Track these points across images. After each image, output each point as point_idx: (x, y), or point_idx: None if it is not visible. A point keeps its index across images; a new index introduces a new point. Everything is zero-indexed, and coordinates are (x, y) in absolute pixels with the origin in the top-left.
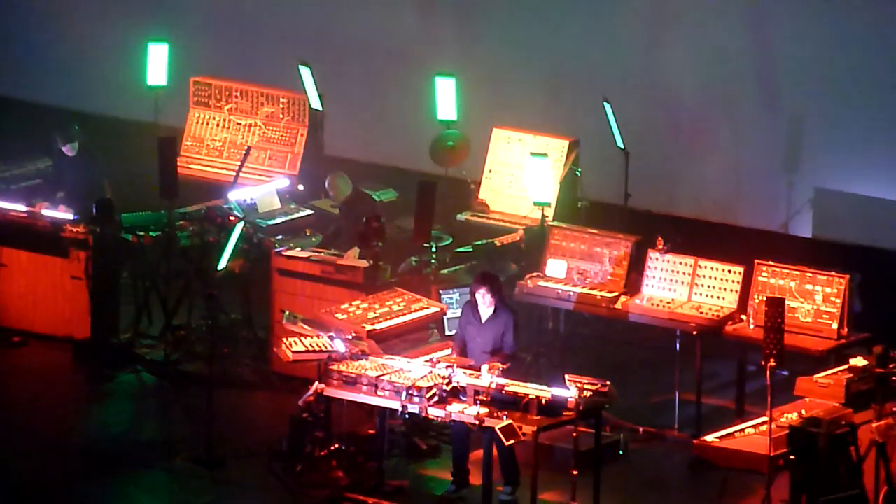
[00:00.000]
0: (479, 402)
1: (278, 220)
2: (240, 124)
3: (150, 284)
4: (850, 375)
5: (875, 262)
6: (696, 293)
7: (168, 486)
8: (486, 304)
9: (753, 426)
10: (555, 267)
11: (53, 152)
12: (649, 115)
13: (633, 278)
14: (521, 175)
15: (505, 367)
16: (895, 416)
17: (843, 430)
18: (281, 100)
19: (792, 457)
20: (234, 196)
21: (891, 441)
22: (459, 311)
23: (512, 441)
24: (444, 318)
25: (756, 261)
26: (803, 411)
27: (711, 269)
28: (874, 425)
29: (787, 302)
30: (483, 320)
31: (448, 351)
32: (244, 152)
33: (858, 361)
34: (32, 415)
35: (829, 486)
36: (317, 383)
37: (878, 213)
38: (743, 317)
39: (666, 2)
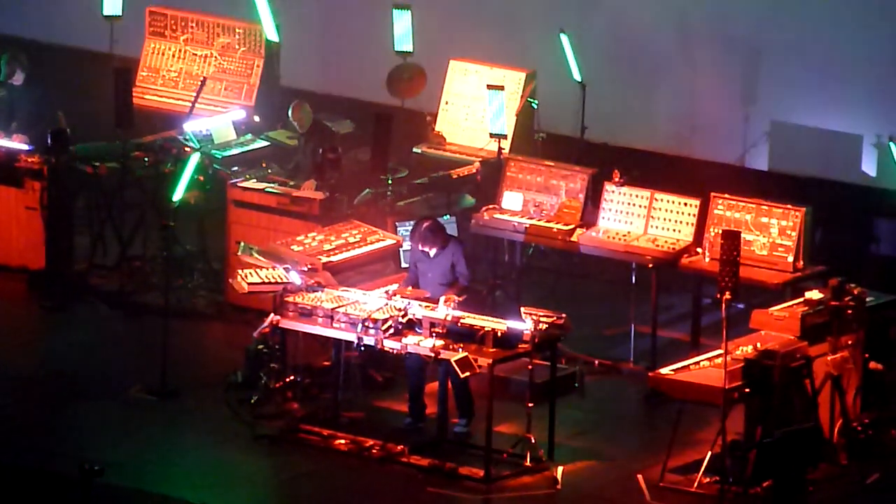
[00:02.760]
0: (434, 334)
1: (234, 152)
2: (195, 55)
3: (105, 215)
4: (806, 308)
5: (831, 194)
6: (651, 226)
7: (122, 417)
8: (430, 250)
9: (709, 359)
10: (511, 199)
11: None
12: (606, 48)
13: (589, 211)
14: (478, 107)
15: (461, 299)
16: (850, 349)
17: (798, 362)
18: (237, 30)
19: (747, 389)
20: (190, 127)
21: (845, 374)
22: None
23: (467, 373)
24: (401, 250)
25: (712, 194)
26: (758, 344)
27: (667, 201)
28: (829, 358)
29: (742, 235)
30: (432, 255)
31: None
32: (200, 83)
33: (814, 294)
34: None
35: (783, 419)
36: (272, 315)
37: (835, 145)
38: (699, 249)
39: None
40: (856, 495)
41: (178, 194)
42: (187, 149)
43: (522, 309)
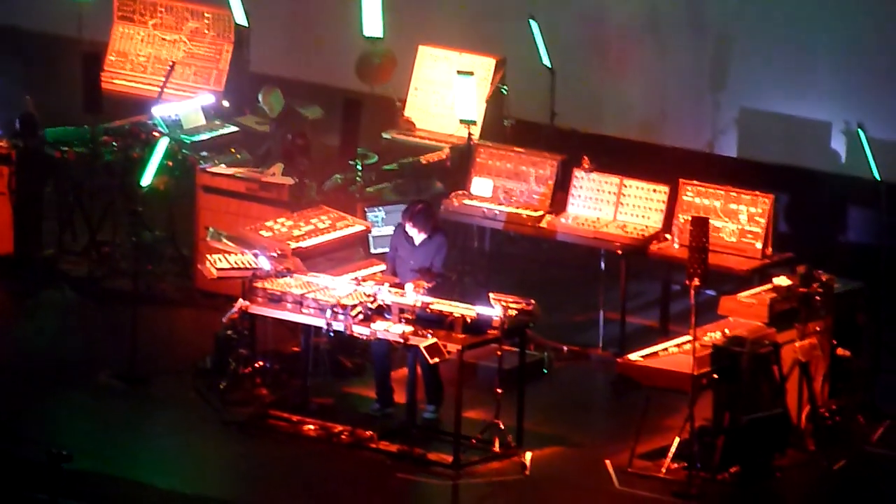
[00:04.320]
0: (404, 320)
1: (203, 137)
2: (164, 40)
3: (73, 200)
4: (774, 295)
5: (799, 181)
6: (621, 212)
7: (91, 404)
8: (417, 234)
9: (677, 345)
10: (480, 185)
11: None
12: (576, 34)
13: (559, 197)
14: (448, 93)
15: (430, 285)
16: (818, 336)
17: (766, 349)
18: (206, 15)
19: (715, 376)
20: (159, 112)
21: (813, 360)
22: (385, 228)
23: (437, 359)
24: (370, 235)
25: (681, 180)
26: (727, 330)
27: (637, 188)
28: (797, 344)
29: (711, 221)
30: (417, 243)
31: (376, 268)
32: (169, 68)
33: (782, 281)
34: None
35: (751, 405)
36: (241, 301)
37: (804, 132)
38: (668, 236)
39: None
40: (823, 481)
41: (146, 179)
42: (156, 134)
43: (491, 295)
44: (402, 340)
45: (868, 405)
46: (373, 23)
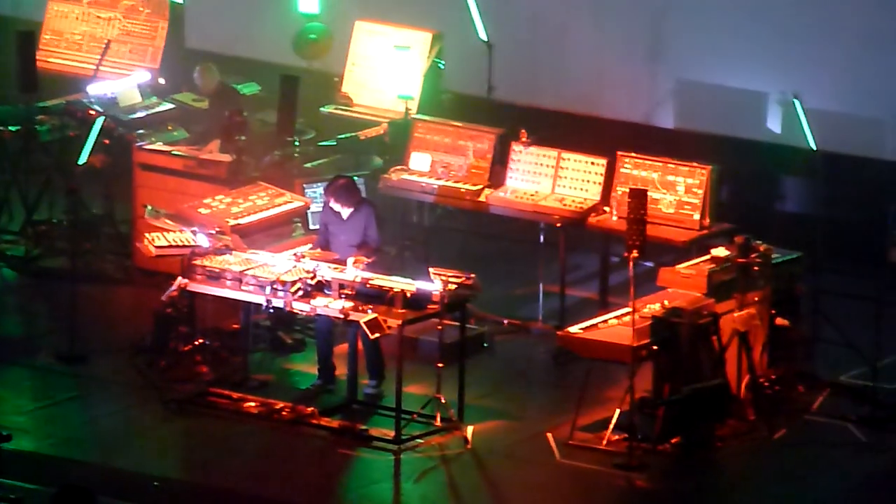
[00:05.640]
0: (344, 296)
1: (139, 114)
2: (99, 17)
3: (9, 179)
4: (713, 266)
5: (737, 152)
6: (559, 185)
7: (30, 383)
8: (343, 209)
9: (617, 317)
10: (419, 160)
11: None
12: (512, 7)
13: (497, 171)
14: (385, 68)
15: (370, 260)
16: (757, 306)
17: (705, 319)
18: None
19: (655, 347)
20: (95, 90)
21: (752, 330)
22: (321, 206)
23: (377, 334)
24: (308, 211)
25: (619, 152)
26: (666, 302)
27: (574, 161)
28: (736, 315)
29: (649, 193)
30: (345, 217)
31: (310, 246)
32: (104, 46)
33: (720, 252)
34: None
35: (691, 376)
36: (180, 278)
37: (740, 103)
38: (606, 208)
39: None
40: (763, 451)
41: (83, 158)
42: (92, 112)
43: (431, 270)
44: (342, 316)
45: (807, 374)
46: None
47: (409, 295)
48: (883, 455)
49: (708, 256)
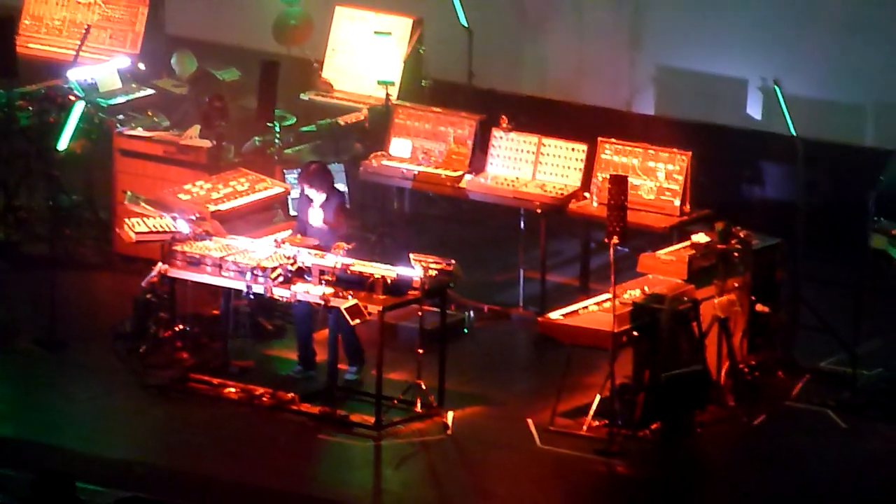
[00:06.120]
0: (324, 282)
1: (119, 100)
2: (79, 3)
3: None
4: (693, 252)
5: (717, 138)
6: (540, 171)
7: (10, 369)
8: (317, 195)
9: (597, 303)
10: (399, 146)
11: None
12: None
13: (478, 157)
14: (365, 54)
15: (350, 246)
16: (737, 292)
17: (685, 306)
18: None
19: (635, 333)
20: (75, 75)
21: (732, 316)
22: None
23: (358, 320)
24: (289, 197)
25: (599, 139)
26: (646, 288)
27: (555, 147)
28: (716, 301)
29: (630, 179)
30: (317, 204)
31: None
32: (84, 31)
33: (700, 238)
34: None
35: (671, 362)
36: (160, 264)
37: (720, 89)
38: (586, 194)
39: None
40: (743, 436)
41: (63, 144)
42: (72, 98)
43: (412, 256)
44: (322, 302)
45: (787, 360)
46: None
47: (389, 281)
48: (862, 441)
49: (688, 242)
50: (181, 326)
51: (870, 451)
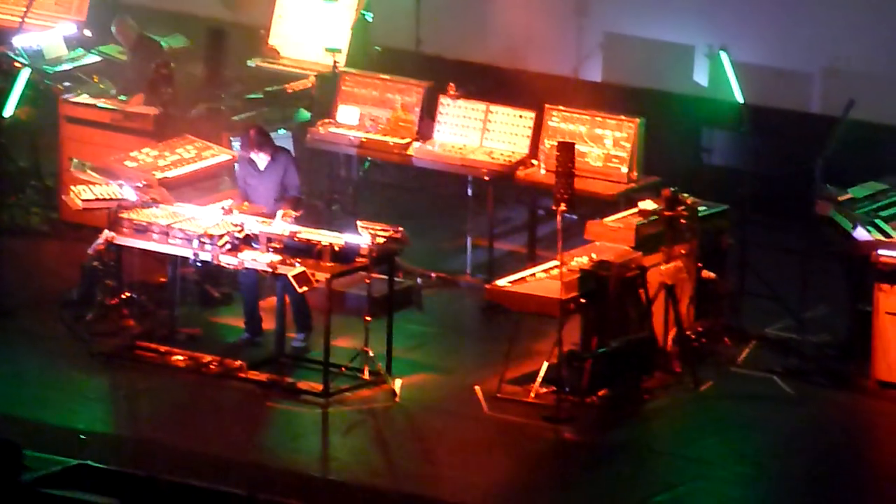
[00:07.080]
0: (271, 249)
1: (65, 67)
2: None
3: None
4: (640, 219)
5: (664, 105)
6: (487, 139)
7: None
8: (260, 159)
9: (545, 270)
10: (346, 113)
11: None
12: None
13: (425, 124)
14: (312, 21)
15: (298, 214)
16: (683, 259)
17: (632, 272)
18: None
19: (582, 300)
20: (20, 42)
21: (679, 283)
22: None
23: (305, 288)
24: (236, 164)
25: (547, 106)
26: (594, 255)
27: (503, 114)
28: (663, 268)
29: (577, 146)
30: (262, 167)
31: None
32: None
33: (648, 205)
34: None
35: (619, 329)
36: (107, 231)
37: (667, 56)
38: (534, 161)
39: None
40: (690, 403)
41: (8, 110)
42: (17, 64)
43: (359, 223)
44: (269, 269)
45: (733, 327)
46: None
47: (337, 248)
48: (808, 407)
49: (635, 209)
50: (128, 294)
51: (816, 418)
